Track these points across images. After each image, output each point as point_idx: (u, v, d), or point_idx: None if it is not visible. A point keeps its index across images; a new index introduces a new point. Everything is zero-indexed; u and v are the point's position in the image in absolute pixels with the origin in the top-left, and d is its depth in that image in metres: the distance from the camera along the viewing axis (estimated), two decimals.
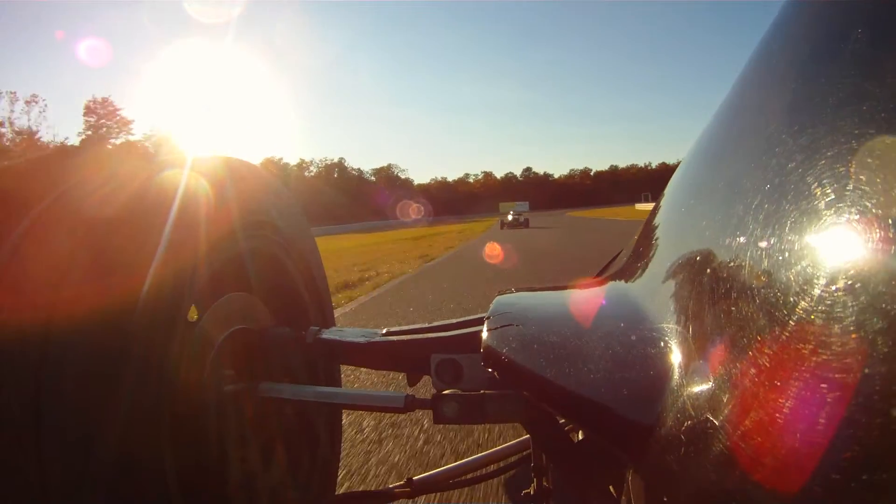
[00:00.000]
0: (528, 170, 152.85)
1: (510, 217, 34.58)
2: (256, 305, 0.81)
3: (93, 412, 0.47)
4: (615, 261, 0.92)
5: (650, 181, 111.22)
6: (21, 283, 0.50)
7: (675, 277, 0.50)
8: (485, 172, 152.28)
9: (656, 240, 0.63)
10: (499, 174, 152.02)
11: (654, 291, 0.53)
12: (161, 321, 0.53)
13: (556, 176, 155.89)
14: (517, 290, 0.77)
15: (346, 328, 0.87)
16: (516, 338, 0.59)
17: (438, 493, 1.30)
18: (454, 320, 0.82)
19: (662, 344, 0.44)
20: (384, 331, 0.84)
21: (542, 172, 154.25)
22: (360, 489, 1.44)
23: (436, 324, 0.83)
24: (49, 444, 0.46)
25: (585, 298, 0.70)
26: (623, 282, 0.65)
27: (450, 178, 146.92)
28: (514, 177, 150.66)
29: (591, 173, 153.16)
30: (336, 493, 1.04)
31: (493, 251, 11.08)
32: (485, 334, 0.60)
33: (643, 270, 0.61)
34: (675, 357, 0.42)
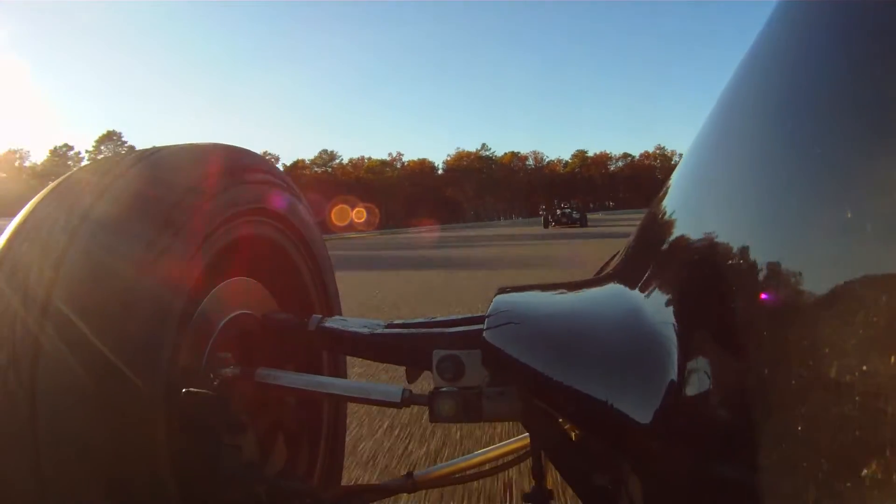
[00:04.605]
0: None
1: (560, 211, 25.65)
2: (259, 291, 0.81)
3: (89, 393, 0.47)
4: (615, 259, 0.91)
5: None
6: (16, 266, 0.50)
7: (673, 276, 0.50)
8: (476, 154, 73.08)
9: (655, 238, 0.63)
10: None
11: (653, 290, 0.53)
12: (161, 305, 0.53)
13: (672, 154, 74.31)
14: (517, 289, 0.76)
15: (350, 318, 0.86)
16: (516, 336, 0.59)
17: (439, 489, 1.30)
18: (457, 316, 0.82)
19: (662, 342, 0.44)
20: (386, 323, 0.83)
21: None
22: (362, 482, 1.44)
23: (438, 319, 0.83)
24: (44, 430, 0.46)
25: (585, 297, 0.69)
26: (623, 280, 0.65)
27: (374, 157, 68.78)
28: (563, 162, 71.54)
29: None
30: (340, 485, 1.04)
31: None
32: (485, 332, 0.60)
33: (642, 269, 0.60)
34: (675, 356, 0.41)
